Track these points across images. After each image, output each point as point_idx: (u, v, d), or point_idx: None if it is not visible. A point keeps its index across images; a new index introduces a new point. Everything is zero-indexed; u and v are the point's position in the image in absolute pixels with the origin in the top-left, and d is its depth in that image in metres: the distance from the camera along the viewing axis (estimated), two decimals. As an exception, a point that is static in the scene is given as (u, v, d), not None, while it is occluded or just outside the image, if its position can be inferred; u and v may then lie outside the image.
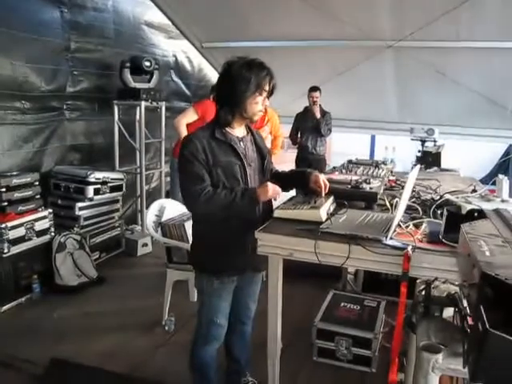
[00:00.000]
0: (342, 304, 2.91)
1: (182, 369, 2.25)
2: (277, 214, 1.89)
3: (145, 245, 4.47)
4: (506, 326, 0.77)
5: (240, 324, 2.21)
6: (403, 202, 1.67)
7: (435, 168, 3.68)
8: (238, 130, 1.93)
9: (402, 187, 2.62)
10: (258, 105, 1.84)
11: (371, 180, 2.26)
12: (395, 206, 2.05)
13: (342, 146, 9.00)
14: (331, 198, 2.09)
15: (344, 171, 2.77)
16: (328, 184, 1.96)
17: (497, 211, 1.39)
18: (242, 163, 1.86)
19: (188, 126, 4.08)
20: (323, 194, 1.97)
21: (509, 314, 0.79)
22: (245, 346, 2.30)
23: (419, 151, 4.62)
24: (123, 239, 4.50)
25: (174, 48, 5.63)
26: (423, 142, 4.78)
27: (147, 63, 4.47)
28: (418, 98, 5.76)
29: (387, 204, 2.12)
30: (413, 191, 2.53)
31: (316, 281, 3.55)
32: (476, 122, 5.88)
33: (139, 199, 4.83)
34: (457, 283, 1.12)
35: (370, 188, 2.19)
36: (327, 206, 1.96)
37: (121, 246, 4.48)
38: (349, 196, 2.20)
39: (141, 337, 2.99)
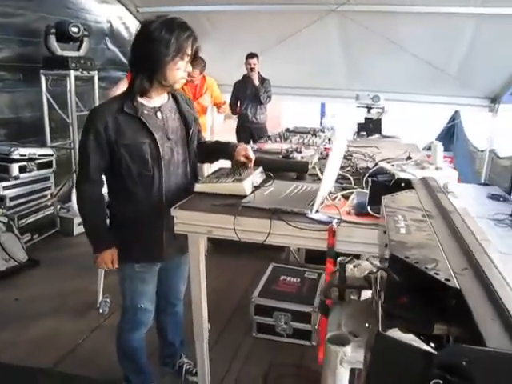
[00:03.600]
0: (282, 277, 2.83)
1: (114, 352, 2.11)
2: (198, 188, 1.74)
3: (81, 223, 4.21)
4: (411, 322, 0.67)
5: (170, 306, 2.09)
6: (329, 170, 1.55)
7: (377, 135, 3.62)
8: (157, 100, 1.73)
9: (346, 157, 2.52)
10: (179, 71, 1.64)
11: (303, 149, 2.14)
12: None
13: (291, 116, 8.88)
14: (259, 170, 1.96)
15: (279, 140, 2.64)
16: (254, 157, 1.83)
17: (424, 180, 1.30)
18: (153, 140, 1.66)
19: None
20: (251, 167, 1.84)
21: (416, 304, 0.69)
22: (177, 327, 2.19)
23: (366, 118, 4.56)
24: (58, 218, 4.23)
25: (109, 13, 5.23)
26: (369, 108, 4.72)
27: (74, 29, 4.12)
28: (365, 65, 5.68)
29: (319, 174, 2.01)
30: (348, 159, 2.45)
31: (263, 253, 3.46)
32: (422, 89, 5.88)
33: (74, 175, 4.53)
34: (376, 262, 1.02)
35: (302, 157, 2.08)
36: (253, 178, 1.83)
37: (56, 226, 4.22)
38: (278, 166, 2.08)
39: (74, 321, 2.82)
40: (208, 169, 4.01)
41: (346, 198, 1.69)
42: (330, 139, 2.90)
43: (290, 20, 5.05)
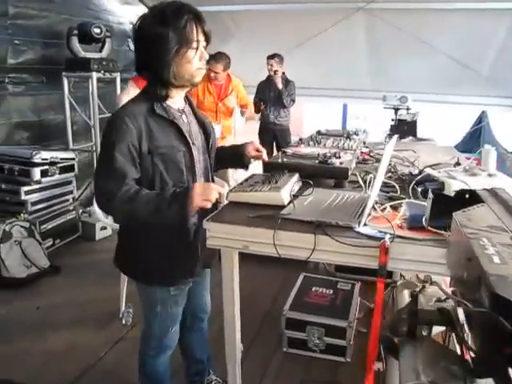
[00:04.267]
0: (314, 288, 2.69)
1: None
2: (231, 197, 1.61)
3: (103, 228, 4.14)
4: None
5: (198, 321, 1.95)
6: (379, 179, 1.41)
7: (410, 137, 3.45)
8: (179, 101, 1.57)
9: (377, 160, 2.37)
10: (191, 63, 1.44)
11: (341, 153, 1.99)
12: (370, 184, 1.79)
13: (313, 118, 8.70)
14: (295, 176, 1.83)
15: (312, 143, 2.50)
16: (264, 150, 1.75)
17: (493, 192, 1.14)
18: (188, 148, 1.50)
19: None
20: (265, 158, 1.75)
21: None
22: (204, 342, 2.05)
23: (392, 120, 4.39)
24: (79, 223, 4.16)
25: (131, 14, 5.16)
26: (396, 109, 4.55)
27: (97, 30, 4.05)
28: (391, 65, 5.49)
29: (360, 181, 1.86)
30: (388, 165, 2.29)
31: (290, 260, 3.32)
32: (450, 89, 5.67)
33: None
34: (448, 290, 0.87)
35: (340, 163, 1.93)
36: (290, 186, 1.69)
37: (77, 231, 4.14)
38: (316, 173, 1.94)
39: (95, 333, 2.71)
40: (233, 174, 3.88)
41: (394, 208, 1.54)
42: (364, 142, 2.75)
43: (315, 19, 4.91)
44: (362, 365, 2.45)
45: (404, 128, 3.46)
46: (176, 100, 1.54)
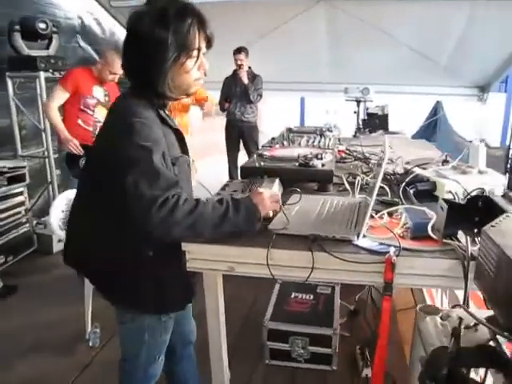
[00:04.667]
0: (293, 295, 2.56)
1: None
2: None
3: (61, 240, 3.84)
4: None
5: (188, 346, 1.74)
6: (377, 184, 1.27)
7: (380, 131, 3.37)
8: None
9: (356, 158, 2.25)
10: (189, 73, 1.28)
11: (323, 154, 1.86)
12: (357, 187, 1.67)
13: (271, 112, 8.56)
14: (277, 182, 1.68)
15: (286, 143, 2.35)
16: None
17: (509, 197, 1.03)
18: (187, 157, 1.39)
19: (64, 107, 3.41)
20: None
21: None
22: (195, 368, 1.85)
23: (355, 112, 4.30)
24: (34, 236, 3.84)
25: (79, 8, 4.82)
26: (358, 102, 4.48)
27: (42, 25, 3.72)
28: (352, 56, 5.43)
29: (346, 185, 1.73)
30: (367, 162, 2.18)
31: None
32: (410, 79, 5.71)
33: (51, 186, 4.14)
34: (478, 315, 0.75)
35: (322, 165, 1.79)
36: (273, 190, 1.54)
37: (33, 245, 3.83)
38: (297, 177, 1.80)
39: (61, 358, 2.47)
40: (194, 175, 3.67)
41: (390, 214, 1.41)
42: (339, 139, 2.63)
43: (275, 11, 4.75)
44: (349, 372, 2.37)
45: (376, 122, 3.39)
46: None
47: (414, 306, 2.89)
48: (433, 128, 8.34)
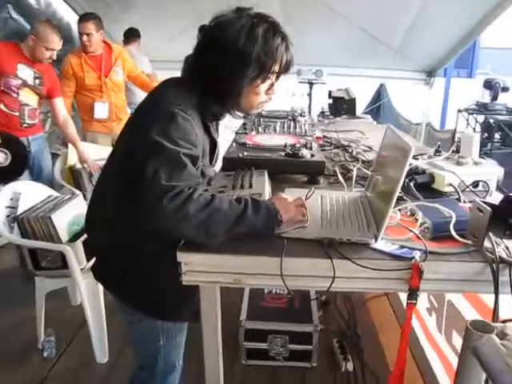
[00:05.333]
0: (266, 290, 2.43)
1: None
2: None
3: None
4: None
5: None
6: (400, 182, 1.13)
7: (344, 116, 3.29)
8: None
9: (336, 146, 2.14)
10: (259, 95, 1.22)
11: (313, 143, 1.72)
12: (354, 179, 1.55)
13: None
14: (266, 175, 1.52)
15: (261, 130, 2.19)
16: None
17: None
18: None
19: None
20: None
21: None
22: None
23: (308, 95, 4.20)
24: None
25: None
26: (311, 84, 4.39)
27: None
28: (305, 37, 5.31)
29: (340, 177, 1.61)
30: (348, 151, 2.07)
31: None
32: (363, 62, 5.70)
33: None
34: None
35: (312, 155, 1.65)
36: (268, 189, 1.39)
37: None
38: (286, 168, 1.65)
39: (9, 373, 2.19)
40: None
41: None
42: (313, 125, 2.50)
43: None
44: (329, 367, 2.30)
45: (343, 106, 3.30)
46: None
47: (384, 294, 2.89)
48: (377, 111, 8.51)
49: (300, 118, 2.50)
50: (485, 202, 1.00)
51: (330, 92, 3.48)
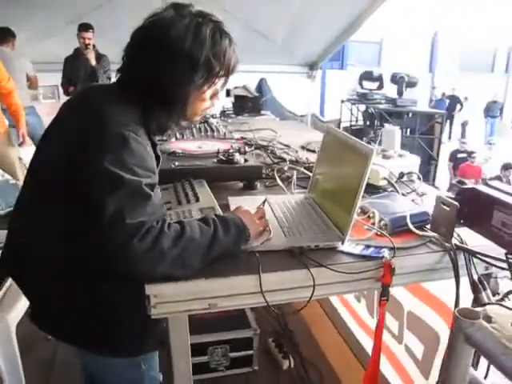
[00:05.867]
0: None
1: None
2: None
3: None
4: None
5: None
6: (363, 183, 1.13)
7: (245, 114, 3.28)
8: None
9: (257, 147, 2.12)
10: (204, 102, 1.12)
11: (247, 148, 1.68)
12: (294, 182, 1.54)
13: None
14: (206, 185, 1.45)
15: (179, 136, 2.08)
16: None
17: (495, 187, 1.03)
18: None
19: None
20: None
21: None
22: None
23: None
24: None
25: None
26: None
27: None
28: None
29: (278, 180, 1.59)
30: (272, 151, 2.07)
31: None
32: (249, 58, 5.78)
33: None
34: None
35: (245, 160, 1.61)
36: (215, 200, 1.32)
37: None
38: (222, 176, 1.58)
39: None
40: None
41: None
42: (226, 126, 2.45)
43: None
44: (270, 368, 2.30)
45: (248, 104, 3.28)
46: None
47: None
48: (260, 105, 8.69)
49: (212, 120, 2.44)
50: (456, 199, 1.05)
51: (228, 91, 3.45)
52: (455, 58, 16.00)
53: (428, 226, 1.21)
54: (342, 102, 6.61)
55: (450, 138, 11.89)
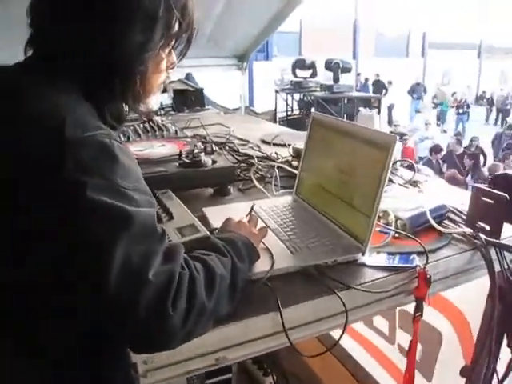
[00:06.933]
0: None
1: None
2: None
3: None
4: None
5: None
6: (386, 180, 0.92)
7: (186, 110, 3.01)
8: None
9: (216, 145, 1.87)
10: (161, 74, 0.80)
11: (214, 147, 1.43)
12: (275, 183, 1.32)
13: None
14: (174, 196, 1.19)
15: (123, 138, 1.78)
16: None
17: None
18: None
19: None
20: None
21: None
22: None
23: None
24: None
25: None
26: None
27: None
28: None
29: (255, 182, 1.36)
30: (233, 149, 1.83)
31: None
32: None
33: None
34: None
35: (213, 161, 1.36)
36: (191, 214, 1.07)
37: None
38: (189, 183, 1.33)
39: None
40: None
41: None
42: (174, 123, 2.16)
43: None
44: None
45: (191, 99, 3.00)
46: None
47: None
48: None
49: (156, 118, 2.15)
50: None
51: (164, 87, 3.14)
52: (371, 44, 16.57)
53: (446, 222, 1.05)
54: (277, 92, 6.48)
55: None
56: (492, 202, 0.89)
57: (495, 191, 0.89)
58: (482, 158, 7.16)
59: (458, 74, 17.27)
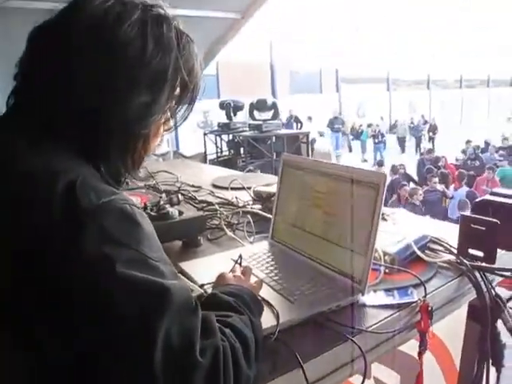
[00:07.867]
0: None
1: None
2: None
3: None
4: None
5: None
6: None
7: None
8: None
9: (166, 193, 1.81)
10: (158, 137, 0.76)
11: (180, 196, 1.37)
12: (249, 230, 1.29)
13: None
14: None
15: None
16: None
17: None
18: None
19: None
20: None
21: None
22: None
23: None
24: None
25: None
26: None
27: None
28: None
29: (226, 231, 1.32)
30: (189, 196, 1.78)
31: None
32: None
33: None
34: None
35: (180, 212, 1.30)
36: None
37: None
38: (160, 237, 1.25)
39: None
40: None
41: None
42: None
43: None
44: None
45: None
46: None
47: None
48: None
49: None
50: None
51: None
52: (286, 82, 17.30)
53: (427, 251, 1.08)
54: (205, 134, 6.51)
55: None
56: (484, 228, 0.93)
57: (485, 218, 0.93)
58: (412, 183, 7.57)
59: (371, 106, 18.57)
